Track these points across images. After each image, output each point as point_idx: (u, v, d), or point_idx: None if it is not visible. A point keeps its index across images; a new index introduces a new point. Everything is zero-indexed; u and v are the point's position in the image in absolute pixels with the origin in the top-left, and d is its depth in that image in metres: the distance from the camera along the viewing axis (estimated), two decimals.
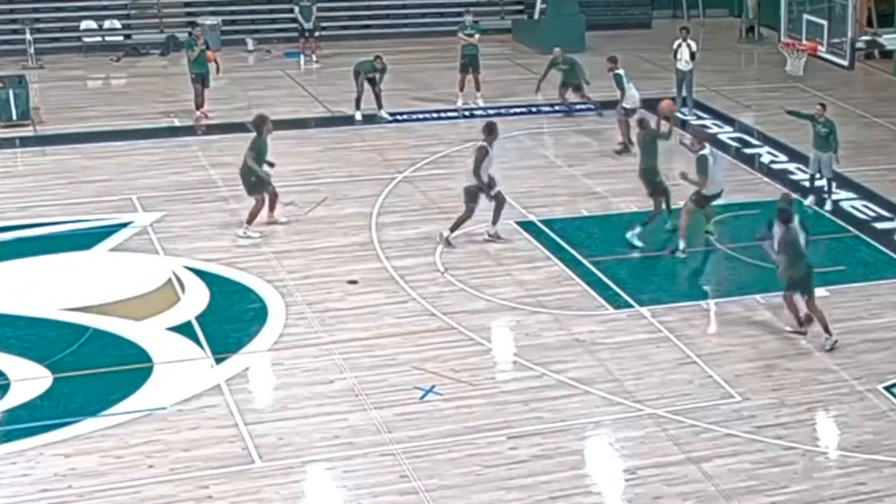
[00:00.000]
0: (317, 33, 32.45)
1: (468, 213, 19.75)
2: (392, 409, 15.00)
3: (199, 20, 31.66)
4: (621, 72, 24.68)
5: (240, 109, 27.20)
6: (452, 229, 19.78)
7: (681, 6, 37.84)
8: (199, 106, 26.52)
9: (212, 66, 26.89)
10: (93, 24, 33.37)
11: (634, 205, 21.65)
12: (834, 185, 21.74)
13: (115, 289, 18.22)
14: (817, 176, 21.69)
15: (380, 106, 26.53)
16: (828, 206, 21.41)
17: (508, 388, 15.62)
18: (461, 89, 27.67)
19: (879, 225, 20.80)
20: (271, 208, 20.52)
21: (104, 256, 19.53)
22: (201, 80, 26.54)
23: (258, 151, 20.10)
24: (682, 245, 19.41)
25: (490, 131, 19.83)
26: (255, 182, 20.11)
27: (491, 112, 27.01)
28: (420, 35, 34.25)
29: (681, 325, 17.25)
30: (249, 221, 20.08)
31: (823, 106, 21.98)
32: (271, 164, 20.44)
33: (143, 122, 26.47)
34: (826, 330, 16.49)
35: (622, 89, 24.41)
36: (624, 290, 18.33)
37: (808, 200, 21.60)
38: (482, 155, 19.60)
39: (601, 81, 27.25)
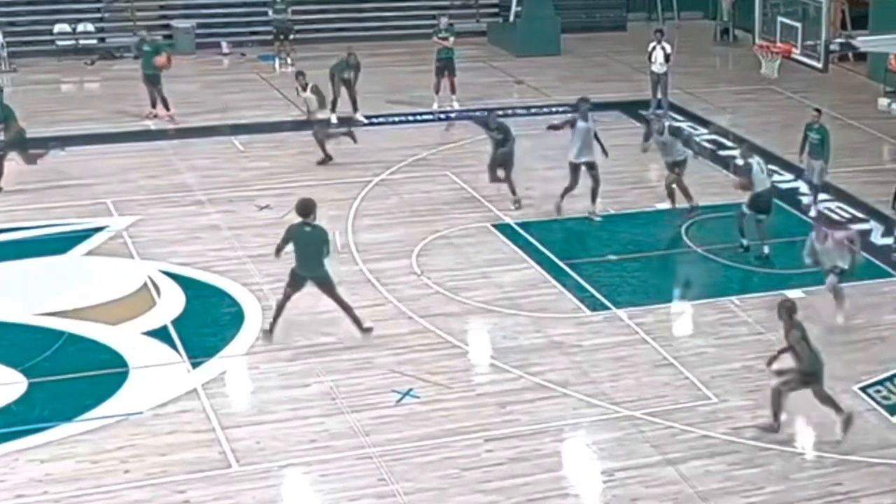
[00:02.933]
0: (291, 36, 32.43)
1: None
2: (369, 413, 14.98)
3: (174, 23, 31.57)
4: None
5: (213, 113, 27.20)
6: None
7: (655, 9, 37.95)
8: (153, 104, 26.61)
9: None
10: (66, 28, 33.23)
11: (611, 206, 21.70)
12: (821, 194, 21.66)
13: (89, 293, 18.14)
14: (814, 182, 21.54)
15: (355, 109, 26.50)
16: (812, 213, 21.39)
17: (485, 391, 15.62)
18: (437, 92, 27.67)
19: (855, 227, 20.84)
20: None
21: (79, 261, 19.45)
22: (151, 81, 26.57)
23: None
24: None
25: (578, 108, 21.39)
26: None
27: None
28: (395, 38, 34.20)
29: (657, 327, 17.28)
30: None
31: (819, 112, 21.81)
32: None
33: (117, 125, 26.36)
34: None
35: None
36: (600, 292, 18.35)
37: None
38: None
39: (577, 84, 27.40)
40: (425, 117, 27.12)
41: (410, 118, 27.11)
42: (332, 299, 16.64)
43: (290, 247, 16.62)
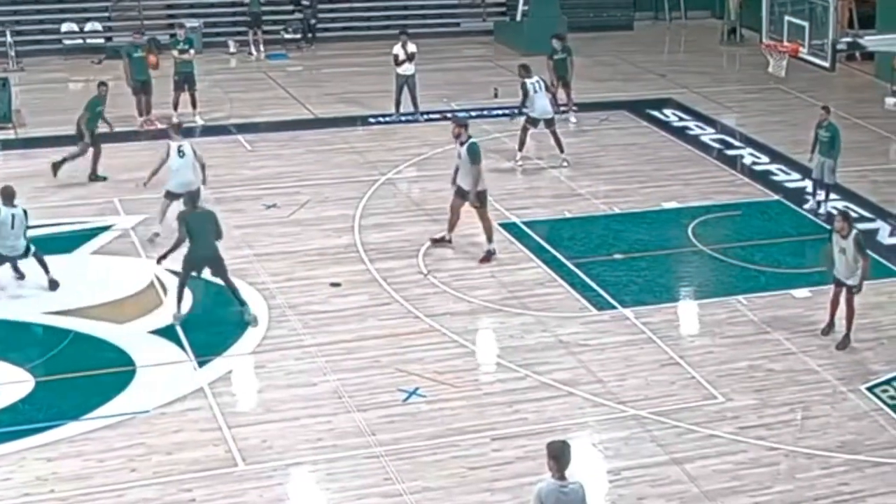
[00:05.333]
0: (263, 27, 32.96)
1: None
2: (376, 412, 14.99)
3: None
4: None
5: (220, 112, 27.22)
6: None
7: (663, 8, 37.92)
8: (141, 113, 26.15)
9: (153, 72, 26.55)
10: (74, 27, 33.30)
11: (617, 206, 21.70)
12: (832, 193, 21.63)
13: (96, 292, 18.16)
14: (825, 181, 21.48)
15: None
16: (821, 210, 21.37)
17: (492, 390, 15.62)
18: (175, 108, 26.43)
19: (861, 226, 20.76)
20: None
21: (86, 259, 19.46)
22: (143, 89, 26.16)
23: None
24: None
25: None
26: None
27: (473, 114, 27.03)
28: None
29: (664, 326, 17.27)
30: None
31: (826, 109, 21.78)
32: None
33: (124, 124, 26.36)
34: None
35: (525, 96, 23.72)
36: (607, 291, 18.35)
37: (808, 205, 21.59)
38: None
39: (583, 83, 27.41)
40: (433, 116, 27.08)
41: (419, 117, 27.09)
42: None
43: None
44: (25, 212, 18.12)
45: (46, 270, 18.25)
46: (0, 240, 17.73)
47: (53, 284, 18.26)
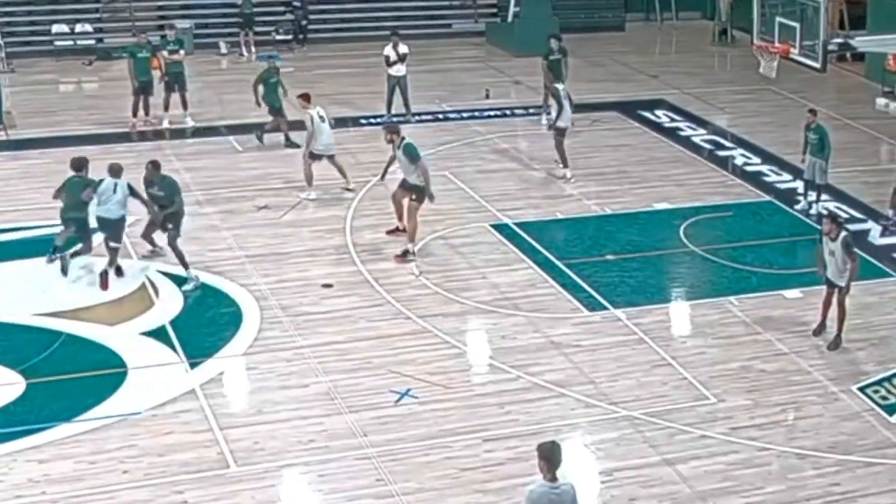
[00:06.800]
0: (255, 28, 32.96)
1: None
2: (367, 413, 14.98)
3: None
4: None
5: (211, 113, 27.18)
6: None
7: (654, 9, 37.95)
8: (136, 114, 26.11)
9: (156, 74, 26.48)
10: (64, 28, 33.25)
11: (608, 207, 21.71)
12: (823, 194, 21.67)
13: (88, 294, 18.13)
14: (816, 182, 21.52)
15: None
16: (813, 210, 21.40)
17: (484, 391, 15.62)
18: (166, 109, 26.43)
19: (852, 227, 20.82)
20: None
21: (78, 261, 19.39)
22: (144, 90, 26.03)
23: None
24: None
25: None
26: None
27: (465, 115, 27.06)
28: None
29: (655, 327, 17.28)
30: None
31: (813, 112, 21.85)
32: None
33: (115, 126, 26.35)
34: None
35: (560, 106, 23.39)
36: (598, 292, 18.35)
37: (800, 206, 21.64)
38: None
39: (575, 84, 27.37)
40: (424, 118, 27.08)
41: (411, 118, 27.07)
42: None
43: None
44: (130, 186, 18.72)
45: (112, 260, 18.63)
46: (100, 205, 18.41)
47: (119, 271, 18.65)
